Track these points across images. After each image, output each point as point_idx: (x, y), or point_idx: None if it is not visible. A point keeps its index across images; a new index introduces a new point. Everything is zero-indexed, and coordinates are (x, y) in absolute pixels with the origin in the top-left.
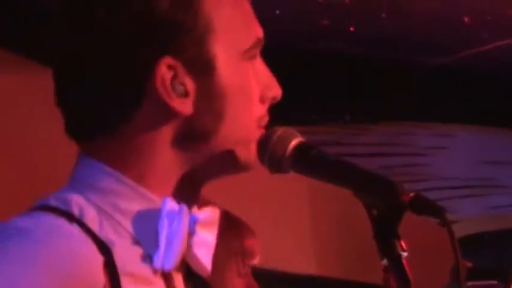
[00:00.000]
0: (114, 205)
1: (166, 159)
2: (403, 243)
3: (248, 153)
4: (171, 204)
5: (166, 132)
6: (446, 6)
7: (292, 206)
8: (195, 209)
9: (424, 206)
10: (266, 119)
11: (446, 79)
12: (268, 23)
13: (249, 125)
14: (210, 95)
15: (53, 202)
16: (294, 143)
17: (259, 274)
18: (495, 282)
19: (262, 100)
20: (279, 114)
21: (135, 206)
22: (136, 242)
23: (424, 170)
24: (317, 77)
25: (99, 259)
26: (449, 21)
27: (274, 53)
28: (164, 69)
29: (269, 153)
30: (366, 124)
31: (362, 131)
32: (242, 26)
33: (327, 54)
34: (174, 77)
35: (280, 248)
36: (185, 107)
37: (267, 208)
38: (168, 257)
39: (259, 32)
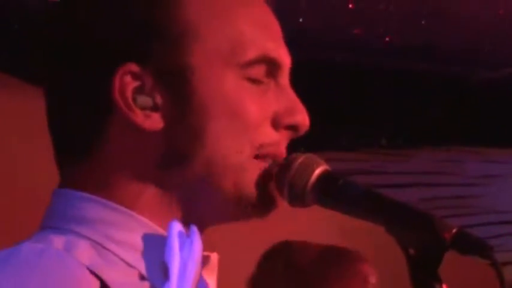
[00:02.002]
0: (107, 235)
1: (149, 184)
2: (445, 287)
3: (238, 187)
4: (178, 227)
5: (143, 152)
6: (498, 15)
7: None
8: None
9: (469, 244)
10: (275, 149)
11: (499, 96)
12: (292, 33)
13: (239, 151)
14: (185, 110)
15: (34, 241)
16: (318, 171)
17: None
18: None
19: (275, 126)
20: (301, 138)
21: (132, 234)
22: (140, 275)
23: (474, 203)
24: (347, 94)
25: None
26: (498, 25)
27: (298, 68)
28: (125, 78)
29: (289, 184)
30: (405, 149)
31: (400, 158)
32: (240, 36)
33: (358, 68)
34: (140, 87)
35: None
36: (151, 122)
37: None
38: (182, 284)
39: (271, 50)
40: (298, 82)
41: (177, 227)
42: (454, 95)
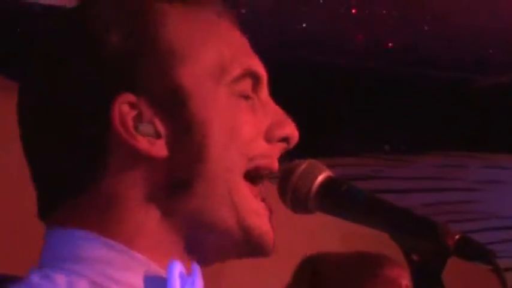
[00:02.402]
0: (106, 275)
1: (150, 217)
2: None
3: (241, 220)
4: (178, 268)
5: (146, 182)
6: (503, 20)
7: (304, 241)
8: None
9: (472, 250)
10: (267, 162)
11: (499, 102)
12: (294, 38)
13: (237, 163)
14: (184, 133)
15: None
16: (320, 178)
17: None
18: None
19: (268, 140)
20: (305, 143)
21: (131, 274)
22: None
23: (476, 208)
24: (351, 100)
25: None
26: (506, 35)
27: (300, 74)
28: (124, 108)
29: (292, 190)
30: (407, 155)
31: (403, 163)
32: (223, 55)
33: (361, 74)
34: (139, 116)
35: None
36: (157, 148)
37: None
38: None
39: (252, 65)
40: (302, 87)
41: (177, 267)
42: (457, 101)
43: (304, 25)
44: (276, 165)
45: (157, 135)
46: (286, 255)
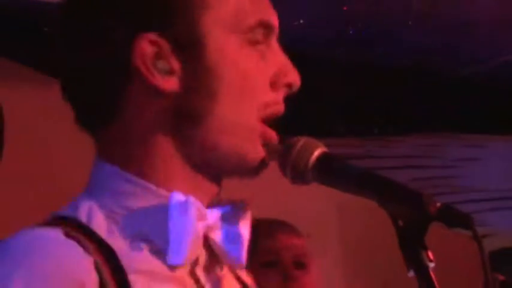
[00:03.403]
0: (124, 206)
1: (165, 146)
2: (430, 254)
3: (250, 144)
4: (178, 197)
5: (159, 115)
6: (477, 14)
7: (321, 228)
8: (217, 204)
9: (452, 217)
10: (277, 108)
11: (477, 88)
12: (292, 32)
13: (249, 110)
14: (199, 73)
15: (65, 211)
16: (317, 153)
17: None
18: None
19: (273, 86)
20: (305, 125)
21: (146, 204)
22: (149, 240)
23: (456, 183)
24: (344, 88)
25: (86, 259)
26: (480, 28)
27: (300, 63)
28: (145, 46)
29: (291, 164)
30: (394, 136)
31: (391, 144)
32: (241, 5)
33: (353, 65)
34: (158, 54)
35: None
36: (169, 84)
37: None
38: (178, 252)
39: (265, 15)
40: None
41: (177, 196)
42: (438, 88)
43: (301, 21)
44: (282, 109)
45: (172, 73)
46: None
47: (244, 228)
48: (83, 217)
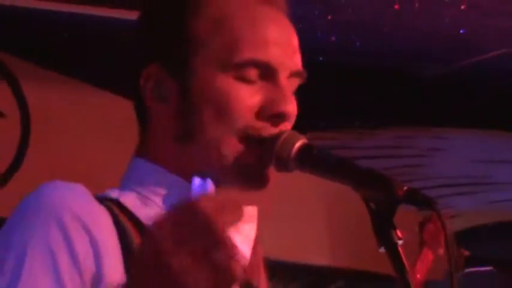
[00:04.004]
0: (150, 189)
1: (173, 152)
2: (399, 233)
3: (220, 163)
4: (198, 180)
5: (164, 128)
6: (444, 22)
7: (307, 202)
8: None
9: (417, 199)
10: (257, 133)
11: (441, 88)
12: None
13: (221, 135)
14: (184, 101)
15: (108, 193)
16: (298, 144)
17: (276, 265)
18: (491, 268)
19: (258, 115)
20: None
21: (167, 188)
22: None
23: (424, 171)
24: (326, 88)
25: (108, 218)
26: (446, 35)
27: None
28: (149, 74)
29: (275, 154)
30: (371, 129)
31: (367, 136)
32: (233, 44)
33: (338, 68)
34: (158, 84)
35: (296, 240)
36: (160, 107)
37: (285, 204)
38: None
39: (263, 54)
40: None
41: (196, 180)
42: (411, 87)
43: None
44: (263, 133)
45: (167, 101)
46: (278, 214)
47: (250, 227)
48: (113, 196)
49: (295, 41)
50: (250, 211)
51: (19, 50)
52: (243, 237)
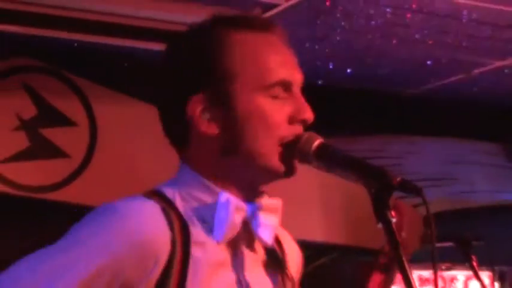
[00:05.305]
0: (190, 194)
1: (217, 165)
2: (393, 213)
3: (269, 164)
4: (224, 197)
5: (211, 146)
6: (416, 54)
7: (303, 181)
8: (258, 201)
9: (408, 187)
10: (294, 137)
11: (415, 104)
12: None
13: (267, 143)
14: (232, 121)
15: (161, 188)
16: (316, 143)
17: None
18: (451, 243)
19: (291, 121)
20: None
21: (204, 195)
22: (205, 221)
23: (399, 170)
24: (328, 104)
25: (167, 235)
26: (417, 64)
27: None
28: (194, 102)
29: (299, 150)
30: (359, 136)
31: (356, 141)
32: (263, 70)
33: (329, 89)
34: (204, 109)
35: (292, 218)
36: (210, 129)
37: (283, 184)
38: (219, 233)
39: (286, 75)
40: None
41: (222, 197)
42: (390, 104)
43: None
44: (299, 136)
45: (213, 121)
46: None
47: (274, 217)
48: (169, 195)
49: (296, 61)
50: (275, 204)
51: (89, 74)
52: (265, 227)
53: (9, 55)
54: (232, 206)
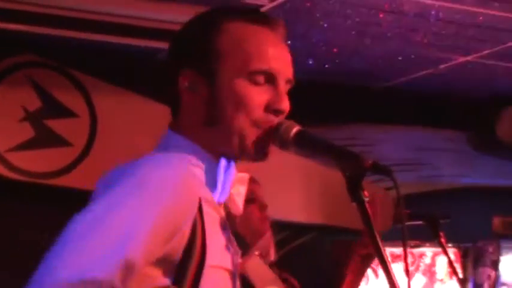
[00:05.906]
0: (188, 159)
1: (202, 133)
2: (366, 193)
3: (243, 144)
4: (224, 162)
5: (196, 116)
6: (389, 51)
7: (284, 164)
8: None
9: (379, 168)
10: (267, 123)
11: (386, 96)
12: None
13: (241, 123)
14: (212, 98)
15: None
16: (294, 130)
17: None
18: (421, 222)
19: (266, 109)
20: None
21: (199, 159)
22: (205, 183)
23: (372, 156)
24: (309, 97)
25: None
26: (389, 60)
27: None
28: (185, 75)
29: (279, 137)
30: (336, 125)
31: (331, 130)
32: (248, 57)
33: (315, 82)
34: (191, 82)
35: (273, 199)
36: (194, 101)
37: (267, 171)
38: (223, 194)
39: (268, 66)
40: None
41: (223, 161)
42: (363, 96)
43: None
44: (272, 123)
45: (199, 93)
46: (263, 180)
47: (244, 188)
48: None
49: (289, 57)
50: (244, 177)
51: (89, 69)
52: (239, 195)
53: (15, 52)
54: (233, 170)
